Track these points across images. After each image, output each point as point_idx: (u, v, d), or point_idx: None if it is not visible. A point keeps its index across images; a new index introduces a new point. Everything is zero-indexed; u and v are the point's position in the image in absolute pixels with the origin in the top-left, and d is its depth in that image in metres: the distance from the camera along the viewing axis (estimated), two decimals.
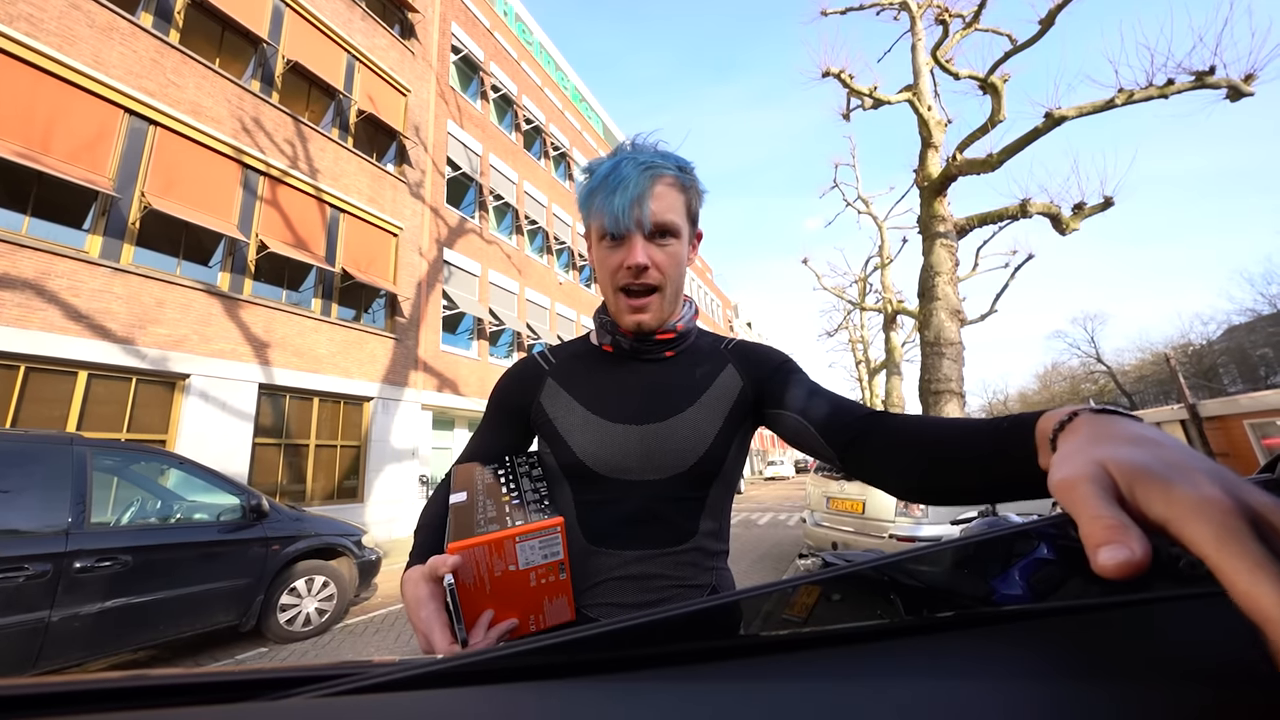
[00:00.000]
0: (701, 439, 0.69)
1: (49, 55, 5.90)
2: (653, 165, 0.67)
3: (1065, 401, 42.04)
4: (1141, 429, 0.29)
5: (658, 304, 0.69)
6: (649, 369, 0.74)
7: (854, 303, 18.61)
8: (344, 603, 4.26)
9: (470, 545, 0.54)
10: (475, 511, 0.59)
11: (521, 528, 0.56)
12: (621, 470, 0.68)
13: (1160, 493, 0.23)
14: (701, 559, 0.69)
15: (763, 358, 0.76)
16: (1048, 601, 0.36)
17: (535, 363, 0.79)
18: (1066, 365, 41.83)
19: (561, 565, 0.58)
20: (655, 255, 0.67)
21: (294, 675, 0.24)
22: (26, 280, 5.53)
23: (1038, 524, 0.40)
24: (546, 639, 0.27)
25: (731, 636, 0.34)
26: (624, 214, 0.65)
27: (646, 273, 0.67)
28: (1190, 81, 5.93)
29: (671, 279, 0.69)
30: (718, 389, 0.73)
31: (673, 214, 0.67)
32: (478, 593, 0.55)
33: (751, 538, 8.38)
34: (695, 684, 0.25)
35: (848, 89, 8.54)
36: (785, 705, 0.22)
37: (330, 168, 9.13)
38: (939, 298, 6.59)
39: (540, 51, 18.02)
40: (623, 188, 0.65)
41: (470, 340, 12.57)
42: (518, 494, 0.64)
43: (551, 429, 0.72)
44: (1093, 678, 0.24)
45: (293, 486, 7.90)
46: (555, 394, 0.74)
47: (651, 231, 0.67)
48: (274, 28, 8.53)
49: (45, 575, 2.70)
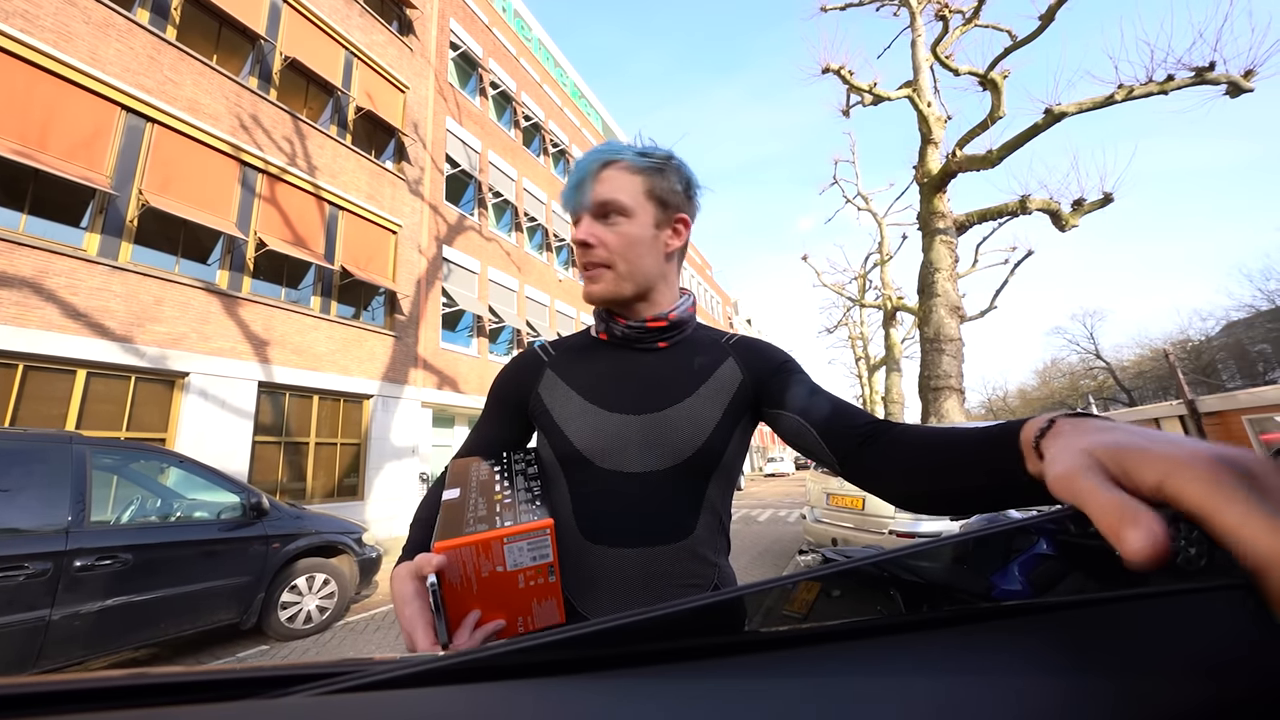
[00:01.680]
0: (700, 429, 0.68)
1: (45, 52, 5.87)
2: (606, 152, 0.71)
3: (1065, 397, 42.14)
4: (1117, 423, 0.30)
5: (610, 278, 0.71)
6: (646, 359, 0.74)
7: (854, 299, 18.62)
8: (345, 600, 4.27)
9: (457, 545, 0.53)
10: (466, 510, 0.59)
11: (509, 529, 0.55)
12: (619, 460, 0.67)
13: (1148, 459, 0.24)
14: (702, 555, 0.68)
15: (766, 354, 0.76)
16: (1047, 597, 0.36)
17: (535, 354, 0.80)
18: (1066, 361, 41.88)
19: (551, 568, 0.57)
20: (601, 233, 0.70)
21: (294, 673, 0.24)
22: (24, 278, 5.52)
23: (1037, 519, 0.40)
24: (549, 635, 0.27)
25: (731, 633, 0.34)
26: (568, 197, 0.72)
27: (591, 250, 0.70)
28: (1190, 77, 5.92)
29: (623, 256, 0.70)
30: (717, 380, 0.72)
31: (619, 194, 0.69)
32: (464, 592, 0.54)
33: (752, 534, 8.40)
34: (696, 681, 0.25)
35: (848, 85, 8.51)
36: (785, 702, 0.22)
37: (329, 165, 9.11)
38: (939, 294, 6.59)
39: (539, 48, 17.95)
40: (575, 174, 0.71)
41: (470, 338, 12.56)
42: (510, 492, 0.63)
43: (549, 419, 0.72)
44: (1094, 673, 0.24)
45: (293, 484, 7.91)
46: (553, 384, 0.74)
47: (595, 211, 0.70)
48: (271, 24, 8.49)
49: (45, 574, 2.70)
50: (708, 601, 0.32)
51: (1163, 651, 0.25)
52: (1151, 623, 0.28)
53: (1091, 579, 0.39)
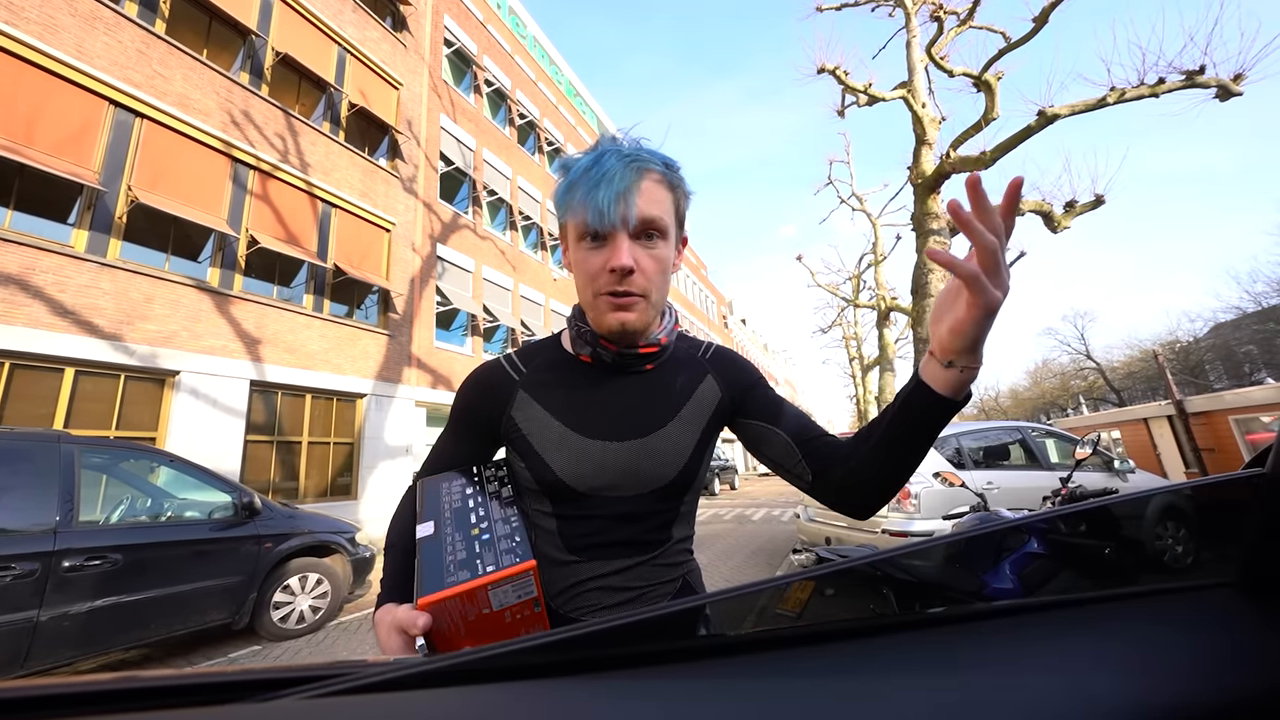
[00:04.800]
0: (681, 453, 0.69)
1: (30, 44, 5.78)
2: (638, 158, 0.62)
3: (1056, 398, 42.54)
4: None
5: (644, 308, 0.64)
6: (628, 382, 0.71)
7: (848, 300, 18.69)
8: (338, 600, 4.25)
9: (442, 599, 0.53)
10: (444, 552, 0.58)
11: (493, 575, 0.55)
12: (602, 486, 0.67)
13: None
14: (674, 559, 0.72)
15: (743, 369, 0.78)
16: (1039, 596, 0.36)
17: (502, 371, 0.73)
18: (1057, 362, 42.24)
19: (536, 601, 0.58)
20: (643, 258, 0.62)
21: (286, 675, 0.24)
22: (10, 275, 5.43)
23: (1028, 519, 0.40)
24: (539, 638, 0.27)
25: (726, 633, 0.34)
26: (609, 208, 0.59)
27: (631, 277, 0.61)
28: (1181, 80, 5.98)
29: (657, 287, 0.65)
30: (697, 401, 0.73)
31: (660, 211, 0.63)
32: (453, 636, 0.55)
33: (746, 533, 8.43)
34: (689, 681, 0.25)
35: (843, 85, 8.54)
36: (780, 700, 0.22)
37: (321, 162, 9.02)
38: (932, 294, 6.63)
39: (534, 45, 17.88)
40: (607, 181, 0.60)
41: (464, 336, 12.50)
42: (488, 524, 0.62)
43: (526, 445, 0.69)
44: (1087, 671, 0.24)
45: (285, 484, 7.84)
46: (528, 406, 0.70)
47: (637, 230, 0.61)
48: (263, 19, 8.40)
49: (33, 574, 2.66)
50: (700, 603, 0.32)
51: (1152, 648, 0.26)
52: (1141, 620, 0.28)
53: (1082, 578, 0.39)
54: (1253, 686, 0.22)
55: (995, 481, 4.13)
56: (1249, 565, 0.32)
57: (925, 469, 3.97)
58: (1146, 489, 0.40)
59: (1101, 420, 12.17)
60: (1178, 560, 0.40)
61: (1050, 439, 4.83)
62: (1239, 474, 0.36)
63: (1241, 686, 0.22)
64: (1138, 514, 0.40)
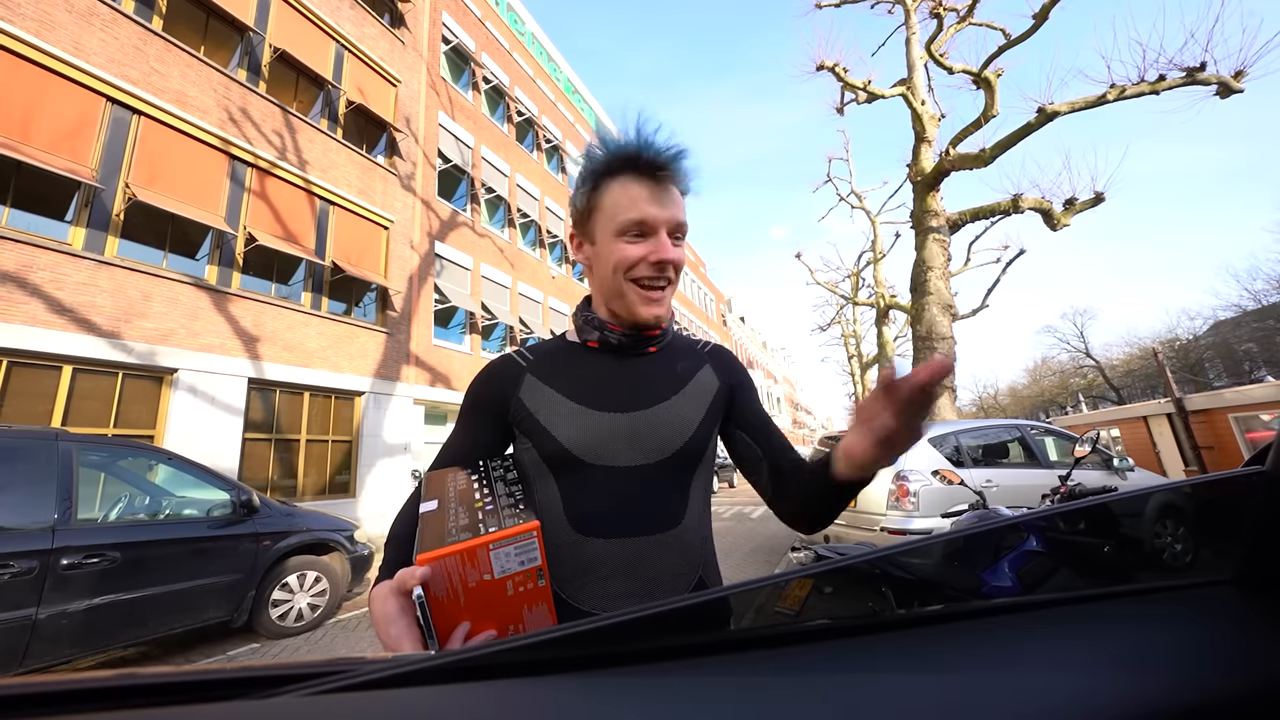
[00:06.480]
0: (686, 425, 0.72)
1: (26, 40, 5.75)
2: (671, 157, 0.69)
3: (1055, 396, 42.65)
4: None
5: (668, 299, 0.73)
6: (631, 363, 0.76)
7: (846, 297, 18.70)
8: (336, 598, 4.25)
9: (441, 555, 0.51)
10: (446, 519, 0.56)
11: (495, 534, 0.53)
12: (608, 456, 0.68)
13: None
14: (689, 545, 0.70)
15: (738, 368, 0.83)
16: (1037, 594, 0.36)
17: (512, 360, 0.78)
18: (1056, 360, 42.33)
19: (540, 571, 0.55)
20: (679, 256, 0.71)
21: (285, 673, 0.24)
22: (8, 273, 5.41)
23: (1026, 517, 0.40)
24: (539, 635, 0.27)
25: (725, 631, 0.34)
26: (662, 210, 0.68)
27: (668, 268, 0.70)
28: (1181, 77, 5.97)
29: (678, 278, 0.73)
30: (698, 383, 0.77)
31: (685, 216, 0.72)
32: (451, 605, 0.52)
33: (745, 531, 8.44)
34: (689, 678, 0.25)
35: (842, 83, 8.52)
36: (779, 699, 0.22)
37: (319, 159, 9.00)
38: (931, 292, 6.64)
39: (533, 42, 17.81)
40: (660, 177, 0.69)
41: (463, 334, 12.49)
42: (491, 499, 0.61)
43: (533, 422, 0.71)
44: (1085, 669, 0.24)
45: (284, 481, 7.84)
46: (536, 388, 0.73)
47: (674, 229, 0.70)
48: (260, 15, 8.36)
49: (31, 572, 2.66)
50: (699, 600, 0.32)
51: (1151, 645, 0.26)
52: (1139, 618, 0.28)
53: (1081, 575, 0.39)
54: (1251, 683, 0.22)
55: (994, 479, 4.14)
56: (1248, 563, 0.32)
57: (924, 467, 3.98)
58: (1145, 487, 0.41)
59: (1101, 418, 12.20)
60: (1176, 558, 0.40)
61: (1049, 437, 4.84)
62: (1238, 472, 0.37)
63: (1239, 684, 0.23)
64: (1137, 512, 0.40)
